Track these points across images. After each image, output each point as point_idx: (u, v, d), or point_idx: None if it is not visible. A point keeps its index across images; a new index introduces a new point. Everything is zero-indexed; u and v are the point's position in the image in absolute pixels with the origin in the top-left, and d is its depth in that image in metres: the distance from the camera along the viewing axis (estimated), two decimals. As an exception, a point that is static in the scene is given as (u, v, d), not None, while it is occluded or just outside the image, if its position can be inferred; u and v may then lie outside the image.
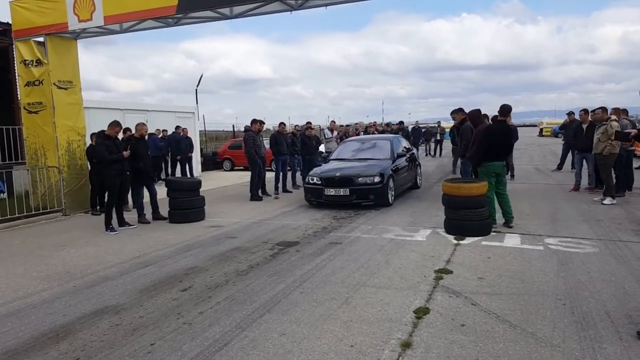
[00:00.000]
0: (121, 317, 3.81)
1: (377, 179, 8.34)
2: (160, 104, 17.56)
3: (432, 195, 9.43)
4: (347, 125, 17.73)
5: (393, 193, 8.75)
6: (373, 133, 15.64)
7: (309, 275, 4.66)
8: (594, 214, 7.26)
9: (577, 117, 11.37)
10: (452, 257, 5.14)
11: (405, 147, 10.57)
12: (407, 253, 5.39)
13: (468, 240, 5.84)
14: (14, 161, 11.12)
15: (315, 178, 8.83)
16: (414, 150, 11.47)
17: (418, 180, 10.85)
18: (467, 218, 6.10)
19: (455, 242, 5.81)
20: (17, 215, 8.47)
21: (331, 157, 10.17)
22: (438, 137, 21.88)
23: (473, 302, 3.78)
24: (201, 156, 17.97)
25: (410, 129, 19.45)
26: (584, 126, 9.53)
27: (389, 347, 3.06)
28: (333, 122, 15.26)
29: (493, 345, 3.03)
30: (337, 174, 8.67)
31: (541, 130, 42.42)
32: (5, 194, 10.54)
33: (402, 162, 9.73)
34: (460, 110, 9.28)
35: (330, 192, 8.47)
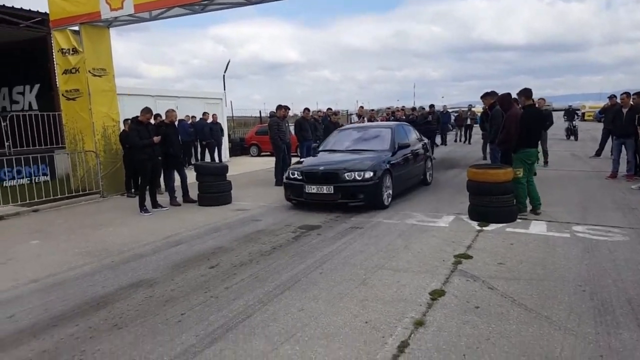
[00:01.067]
0: (154, 289, 4.10)
1: (368, 175, 6.97)
2: (189, 90, 17.95)
3: (460, 181, 9.32)
4: (372, 110, 17.44)
5: (391, 192, 7.44)
6: (400, 118, 15.43)
7: (328, 257, 4.80)
8: (628, 202, 7.04)
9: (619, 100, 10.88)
10: (473, 243, 5.14)
11: (415, 137, 9.40)
12: (428, 238, 5.43)
13: (492, 226, 5.81)
14: (55, 145, 11.71)
15: (296, 172, 7.49)
16: (425, 141, 10.18)
17: (428, 175, 9.48)
18: (492, 204, 6.04)
19: (479, 228, 5.79)
20: (59, 196, 8.99)
21: (321, 148, 8.83)
22: (468, 122, 21.33)
23: (490, 286, 3.82)
24: (229, 142, 18.31)
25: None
26: (624, 110, 9.15)
27: (402, 325, 3.17)
28: (361, 107, 15.14)
29: (505, 327, 3.08)
30: (321, 168, 7.33)
31: (583, 114, 40.64)
32: (48, 176, 11.17)
33: (406, 154, 8.35)
34: (491, 93, 9.07)
35: (312, 189, 7.13)
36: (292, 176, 7.54)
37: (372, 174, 7.01)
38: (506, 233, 5.52)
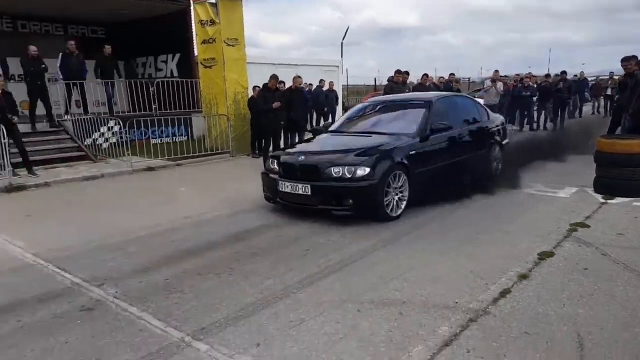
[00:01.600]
0: (282, 231, 4.87)
1: (361, 172, 4.86)
2: (307, 59, 18.78)
3: (590, 155, 8.57)
4: (505, 76, 15.88)
5: (405, 197, 5.18)
6: (530, 86, 14.14)
7: (439, 217, 5.11)
8: None
9: None
10: (594, 214, 4.97)
11: (477, 117, 6.81)
12: (545, 207, 5.35)
13: (618, 200, 5.49)
14: (192, 109, 13.41)
15: (275, 162, 5.66)
16: (499, 122, 7.55)
17: (494, 169, 6.98)
18: (621, 177, 5.66)
19: (603, 201, 5.51)
20: (197, 154, 10.46)
21: (331, 128, 6.83)
22: (609, 92, 18.73)
23: (603, 253, 3.78)
24: (343, 110, 18.87)
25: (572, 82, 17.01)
26: None
27: (507, 277, 3.40)
28: (496, 71, 14.02)
29: (612, 288, 3.13)
30: (300, 159, 5.42)
31: None
32: (187, 136, 12.93)
33: (448, 141, 5.85)
34: (633, 57, 8.07)
35: (286, 187, 5.27)
36: (270, 166, 5.72)
37: (367, 170, 4.87)
38: (633, 207, 5.20)
